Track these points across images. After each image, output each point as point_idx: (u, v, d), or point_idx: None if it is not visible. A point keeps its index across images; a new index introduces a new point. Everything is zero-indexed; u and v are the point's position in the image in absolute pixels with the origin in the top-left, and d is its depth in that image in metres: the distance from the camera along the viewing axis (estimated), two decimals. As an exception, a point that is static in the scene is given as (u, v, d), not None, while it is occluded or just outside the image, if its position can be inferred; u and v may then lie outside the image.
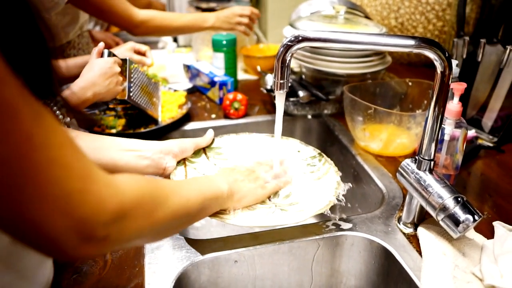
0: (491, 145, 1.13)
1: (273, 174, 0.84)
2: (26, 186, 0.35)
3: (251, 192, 0.77)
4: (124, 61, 1.11)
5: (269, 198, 0.80)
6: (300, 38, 0.68)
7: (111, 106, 1.20)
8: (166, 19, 1.42)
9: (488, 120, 1.17)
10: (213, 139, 0.94)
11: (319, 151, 0.93)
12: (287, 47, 0.68)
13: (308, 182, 0.86)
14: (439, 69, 0.66)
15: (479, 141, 1.15)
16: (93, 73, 1.01)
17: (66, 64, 1.14)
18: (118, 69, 1.06)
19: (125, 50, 1.27)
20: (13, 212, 0.36)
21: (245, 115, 1.31)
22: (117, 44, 1.86)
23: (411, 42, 0.66)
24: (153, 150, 0.80)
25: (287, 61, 0.70)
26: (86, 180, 0.39)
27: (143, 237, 0.51)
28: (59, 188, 0.37)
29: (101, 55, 1.08)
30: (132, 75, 1.12)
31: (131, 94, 1.10)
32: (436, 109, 0.69)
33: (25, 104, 0.35)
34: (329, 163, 0.90)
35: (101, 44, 1.10)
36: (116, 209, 0.42)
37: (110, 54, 1.08)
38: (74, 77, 1.03)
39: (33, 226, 0.37)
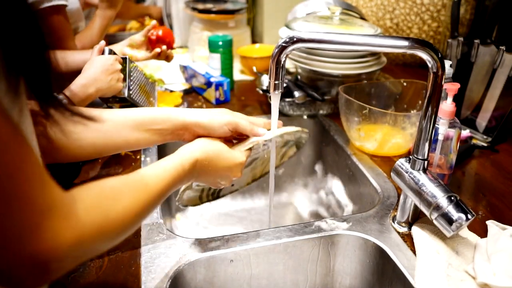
0: (485, 145, 1.14)
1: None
2: None
3: (209, 182, 0.75)
4: (124, 59, 1.12)
5: None
6: (295, 39, 0.68)
7: (109, 105, 1.20)
8: None
9: (482, 120, 1.18)
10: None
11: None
12: (282, 48, 0.69)
13: None
14: (432, 69, 0.66)
15: (474, 141, 1.16)
16: (95, 70, 1.02)
17: (64, 60, 1.15)
18: (120, 66, 1.08)
19: (122, 46, 1.28)
20: None
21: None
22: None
23: (405, 43, 0.67)
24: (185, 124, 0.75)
25: (282, 62, 0.71)
26: (45, 215, 0.38)
27: (100, 252, 0.51)
28: (14, 222, 0.36)
29: (102, 52, 1.09)
30: (131, 74, 1.13)
31: (130, 93, 1.11)
32: (430, 109, 0.69)
33: (1, 132, 0.35)
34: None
35: (102, 42, 1.12)
36: (73, 242, 0.41)
37: (111, 52, 1.10)
38: (73, 72, 1.04)
39: None
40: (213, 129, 0.75)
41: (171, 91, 1.48)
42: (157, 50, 1.29)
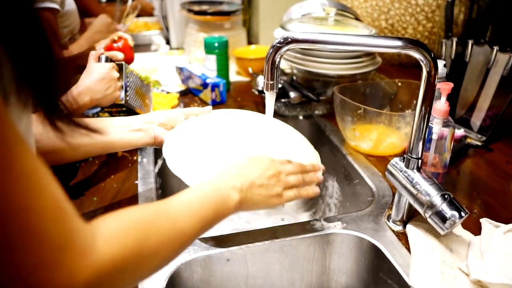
0: (479, 144, 1.15)
1: (298, 181, 0.72)
2: None
3: (262, 202, 0.67)
4: (120, 66, 1.11)
5: None
6: (289, 39, 0.69)
7: (106, 110, 1.20)
8: None
9: (477, 120, 1.18)
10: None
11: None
12: (276, 49, 0.69)
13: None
14: (425, 69, 0.67)
15: (468, 140, 1.17)
16: (91, 79, 1.01)
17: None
18: (117, 75, 1.06)
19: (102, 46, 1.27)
20: None
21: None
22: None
23: (398, 43, 0.67)
24: (139, 122, 0.86)
25: (277, 63, 0.71)
26: (61, 251, 0.36)
27: (140, 278, 0.49)
28: (29, 257, 0.34)
29: (98, 59, 1.08)
30: (128, 79, 1.13)
31: (127, 99, 1.11)
32: (423, 108, 0.70)
33: (18, 162, 0.33)
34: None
35: (101, 50, 1.11)
36: (91, 280, 0.38)
37: (107, 60, 1.08)
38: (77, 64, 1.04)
39: None
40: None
41: (168, 92, 1.49)
42: None
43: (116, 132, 0.84)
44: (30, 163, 0.35)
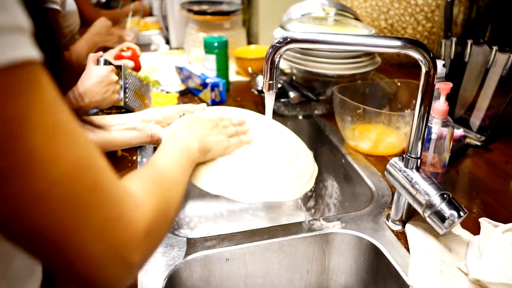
0: (478, 144, 1.15)
1: (234, 130, 0.82)
2: (72, 210, 0.35)
3: (216, 145, 0.77)
4: (119, 67, 1.11)
5: None
6: (288, 39, 0.69)
7: (106, 111, 1.20)
8: None
9: (476, 119, 1.19)
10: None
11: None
12: (276, 49, 0.70)
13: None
14: (424, 69, 0.67)
15: (467, 140, 1.17)
16: (90, 81, 1.01)
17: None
18: (116, 78, 1.06)
19: (111, 54, 1.28)
20: (52, 239, 0.34)
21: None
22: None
23: (397, 43, 0.67)
24: (135, 120, 0.86)
25: (276, 62, 0.72)
26: (121, 205, 0.39)
27: (163, 237, 0.52)
28: (100, 213, 0.37)
29: (97, 62, 1.08)
30: (127, 81, 1.13)
31: (126, 100, 1.11)
32: (422, 108, 0.70)
33: (74, 127, 0.36)
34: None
35: (99, 53, 1.11)
36: (146, 229, 0.42)
37: (106, 62, 1.09)
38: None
39: (73, 255, 0.36)
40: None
41: (167, 92, 1.49)
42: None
43: (113, 130, 0.84)
44: (83, 131, 0.38)
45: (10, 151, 0.31)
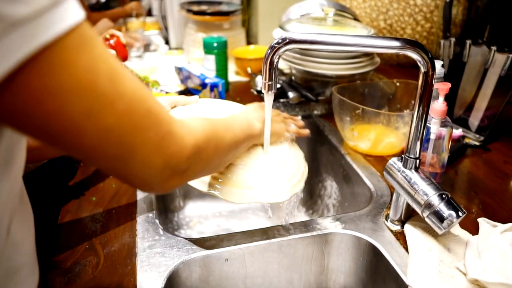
0: (477, 144, 1.15)
1: (285, 122, 0.94)
2: (135, 132, 0.43)
3: (276, 133, 0.87)
4: None
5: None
6: (287, 40, 0.69)
7: None
8: None
9: (475, 120, 1.19)
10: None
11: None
12: (275, 49, 0.70)
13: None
14: (422, 69, 0.67)
15: (466, 140, 1.17)
16: None
17: None
18: None
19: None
20: (126, 155, 0.43)
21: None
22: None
23: (396, 43, 0.68)
24: None
25: (275, 63, 0.72)
26: (170, 124, 0.47)
27: (209, 167, 0.63)
28: (155, 132, 0.45)
29: None
30: None
31: None
32: (421, 108, 0.71)
33: (122, 67, 0.42)
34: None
35: None
36: (193, 145, 0.51)
37: None
38: None
39: (139, 167, 0.45)
40: None
41: (166, 92, 1.49)
42: None
43: None
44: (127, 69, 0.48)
45: (87, 96, 0.38)
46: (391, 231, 0.82)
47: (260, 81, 1.34)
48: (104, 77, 0.39)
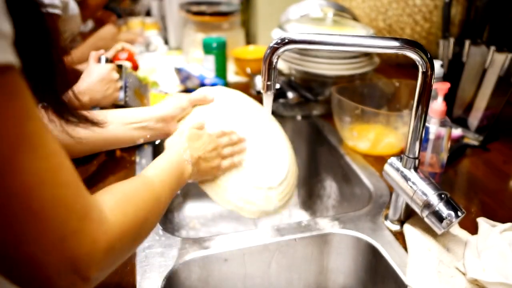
0: (477, 144, 1.15)
1: (230, 151, 0.85)
2: (27, 222, 0.35)
3: (208, 172, 0.80)
4: (120, 66, 1.12)
5: None
6: (286, 40, 0.69)
7: (104, 109, 1.21)
8: None
9: (474, 120, 1.19)
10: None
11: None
12: (274, 49, 0.70)
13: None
14: (421, 69, 0.68)
15: (465, 140, 1.17)
16: (91, 79, 1.02)
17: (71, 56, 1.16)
18: (117, 76, 1.07)
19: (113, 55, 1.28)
20: (8, 247, 0.35)
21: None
22: (112, 21, 1.97)
23: (395, 43, 0.68)
24: (154, 120, 0.84)
25: (274, 63, 0.72)
26: (84, 221, 0.39)
27: (127, 255, 0.52)
28: (58, 227, 0.37)
29: (98, 60, 1.09)
30: (127, 80, 1.13)
31: (127, 99, 1.11)
32: (420, 108, 0.71)
33: (44, 140, 0.36)
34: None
35: (101, 51, 1.12)
36: (108, 247, 0.42)
37: (107, 61, 1.09)
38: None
39: (27, 263, 0.36)
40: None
41: (166, 93, 1.49)
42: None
43: (125, 129, 0.82)
44: (54, 142, 0.37)
45: None
46: (390, 231, 0.82)
47: (259, 81, 1.34)
48: (6, 142, 0.33)
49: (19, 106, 0.34)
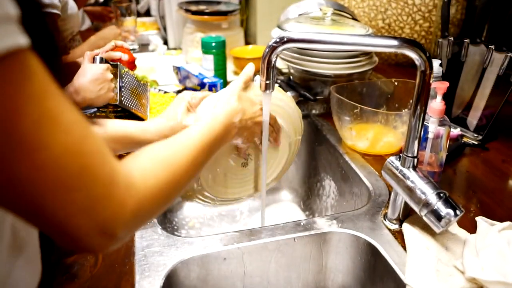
0: (476, 143, 1.15)
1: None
2: (56, 192, 0.37)
3: (246, 139, 0.82)
4: (115, 66, 1.11)
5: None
6: (285, 39, 0.69)
7: (101, 109, 1.21)
8: None
9: (473, 119, 1.19)
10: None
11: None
12: (272, 48, 0.70)
13: None
14: (420, 68, 0.68)
15: (464, 139, 1.17)
16: (85, 79, 1.02)
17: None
18: (111, 76, 1.07)
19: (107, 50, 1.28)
20: (40, 216, 0.38)
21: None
22: (110, 18, 2.02)
23: (394, 42, 0.68)
24: (178, 129, 0.82)
25: (273, 62, 0.72)
26: (110, 186, 0.41)
27: (157, 215, 0.56)
28: (86, 194, 0.39)
29: (93, 60, 1.08)
30: (123, 79, 1.13)
31: (122, 99, 1.11)
32: (418, 107, 0.71)
33: (65, 113, 0.37)
34: None
35: (96, 51, 1.11)
36: (135, 209, 0.44)
37: (102, 60, 1.09)
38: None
39: (59, 226, 0.39)
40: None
41: (165, 92, 1.49)
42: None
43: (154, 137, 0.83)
44: (75, 114, 0.39)
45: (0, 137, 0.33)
46: (389, 230, 0.82)
47: (258, 81, 1.34)
48: (28, 120, 0.34)
49: (37, 85, 0.35)
